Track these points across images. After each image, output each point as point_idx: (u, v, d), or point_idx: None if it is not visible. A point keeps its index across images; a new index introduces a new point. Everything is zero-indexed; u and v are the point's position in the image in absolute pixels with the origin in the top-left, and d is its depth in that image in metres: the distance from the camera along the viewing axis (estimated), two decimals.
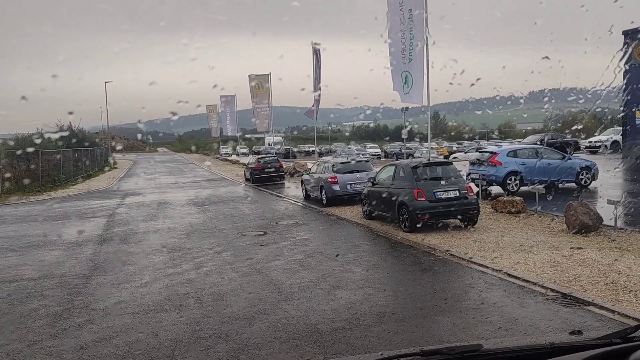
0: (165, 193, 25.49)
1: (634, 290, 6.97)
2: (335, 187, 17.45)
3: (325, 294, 7.70)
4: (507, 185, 17.03)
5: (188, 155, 74.67)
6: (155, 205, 20.50)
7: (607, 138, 32.49)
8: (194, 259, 10.52)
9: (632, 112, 27.58)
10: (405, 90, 16.69)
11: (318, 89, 30.02)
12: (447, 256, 9.75)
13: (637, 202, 14.23)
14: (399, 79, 16.87)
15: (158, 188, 28.68)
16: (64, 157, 33.41)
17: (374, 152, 51.71)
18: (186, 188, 28.04)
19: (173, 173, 42.04)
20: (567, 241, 10.18)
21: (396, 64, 16.89)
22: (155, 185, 30.46)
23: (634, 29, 26.77)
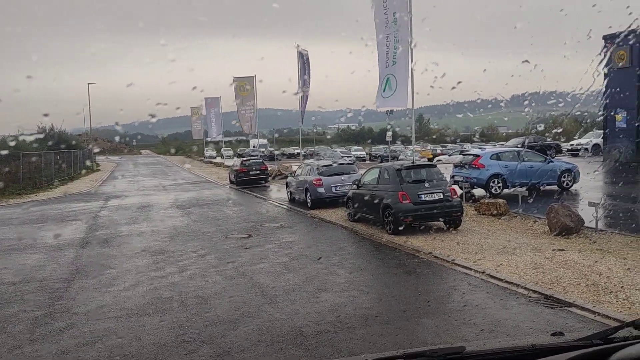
0: (148, 195, 25.28)
1: (614, 291, 7.06)
2: (320, 190, 17.45)
3: (309, 296, 7.69)
4: (490, 187, 17.18)
5: (172, 158, 74.17)
6: (138, 208, 20.31)
7: (588, 141, 32.94)
8: (177, 262, 10.44)
9: (611, 116, 28.03)
10: (386, 94, 16.76)
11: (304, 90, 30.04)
12: (431, 258, 9.80)
13: (617, 204, 14.44)
14: (380, 82, 16.95)
15: (141, 190, 28.43)
16: (45, 159, 32.98)
17: (358, 154, 51.89)
18: (170, 190, 27.84)
19: (156, 175, 41.72)
20: (549, 243, 10.29)
21: (379, 66, 16.97)
22: (139, 188, 30.20)
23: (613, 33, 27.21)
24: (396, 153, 45.81)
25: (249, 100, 39.90)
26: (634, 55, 26.80)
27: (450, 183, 14.78)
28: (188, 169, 44.91)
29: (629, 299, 6.74)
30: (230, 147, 67.60)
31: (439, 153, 46.84)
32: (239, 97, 40.62)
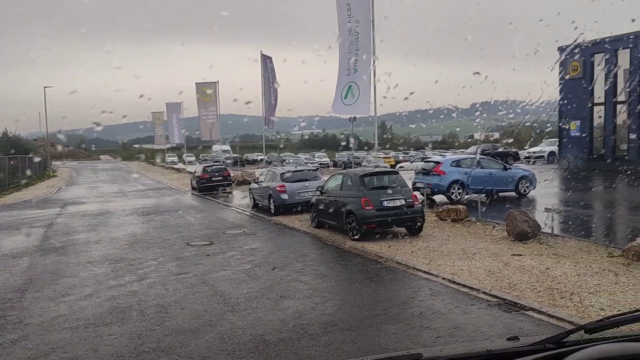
0: (108, 202, 24.70)
1: (568, 294, 7.28)
2: (283, 196, 17.40)
3: (272, 304, 7.64)
4: (450, 194, 17.49)
5: (132, 163, 72.72)
6: (96, 214, 19.81)
7: (544, 149, 33.95)
8: (137, 270, 10.22)
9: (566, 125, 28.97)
10: (348, 101, 16.88)
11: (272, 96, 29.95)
12: (393, 264, 9.88)
13: (572, 210, 14.92)
14: (340, 89, 17.04)
15: (100, 197, 27.76)
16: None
17: (322, 161, 52.00)
18: (130, 197, 27.26)
19: (116, 181, 40.83)
20: (508, 248, 10.53)
21: (339, 73, 17.08)
22: (98, 194, 29.47)
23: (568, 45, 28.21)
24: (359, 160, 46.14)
25: (211, 106, 39.54)
26: (586, 67, 27.80)
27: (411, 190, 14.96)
28: (135, 179, 43.71)
29: (582, 302, 6.96)
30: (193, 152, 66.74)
31: (401, 160, 47.41)
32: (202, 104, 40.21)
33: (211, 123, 40.84)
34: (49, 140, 65.75)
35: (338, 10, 17.14)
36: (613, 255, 9.36)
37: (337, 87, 17.12)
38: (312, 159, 51.68)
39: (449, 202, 16.76)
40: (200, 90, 39.93)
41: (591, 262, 9.01)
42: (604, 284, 7.71)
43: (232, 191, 27.80)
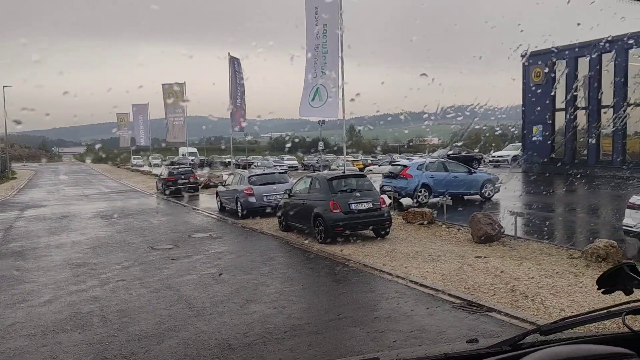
0: (70, 205, 24.08)
1: (531, 295, 7.43)
2: (251, 199, 17.28)
3: (238, 308, 7.57)
4: (417, 197, 17.68)
5: (96, 166, 71.16)
6: (58, 218, 19.29)
7: (507, 153, 34.67)
8: (99, 275, 9.98)
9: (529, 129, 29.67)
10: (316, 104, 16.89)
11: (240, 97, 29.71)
12: (361, 267, 9.92)
13: (535, 213, 15.27)
14: (308, 91, 17.04)
15: (62, 200, 27.04)
16: None
17: (291, 163, 51.90)
18: (93, 200, 26.65)
19: (79, 184, 39.85)
20: (472, 250, 10.70)
21: (306, 76, 17.09)
22: (59, 197, 28.71)
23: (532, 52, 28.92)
24: (328, 163, 46.25)
25: (178, 108, 39.04)
26: (548, 72, 28.54)
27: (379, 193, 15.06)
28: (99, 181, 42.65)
29: (544, 302, 7.11)
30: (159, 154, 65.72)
31: (369, 163, 47.72)
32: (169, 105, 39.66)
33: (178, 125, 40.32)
34: (7, 142, 63.77)
35: (307, 13, 17.16)
36: (573, 257, 9.61)
37: (305, 89, 17.10)
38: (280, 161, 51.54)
39: (415, 205, 16.93)
40: (166, 92, 39.39)
41: (552, 264, 9.23)
42: (564, 285, 7.90)
43: (198, 194, 27.48)
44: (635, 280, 1.38)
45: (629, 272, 1.40)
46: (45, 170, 63.85)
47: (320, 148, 43.22)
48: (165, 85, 39.28)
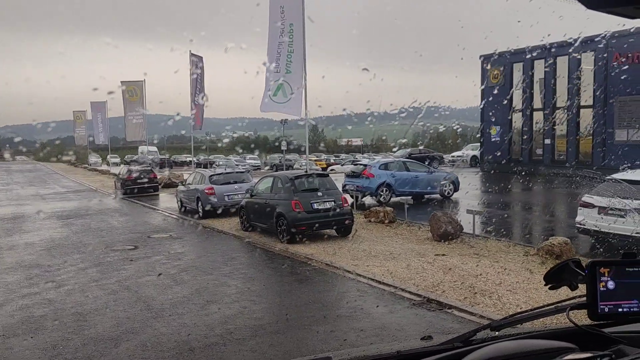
0: (23, 205, 23.27)
1: (488, 292, 7.60)
2: (212, 199, 17.08)
3: (198, 309, 7.47)
4: (379, 196, 17.83)
5: (52, 165, 69.01)
6: (11, 218, 18.61)
7: (466, 153, 35.37)
8: (54, 277, 9.68)
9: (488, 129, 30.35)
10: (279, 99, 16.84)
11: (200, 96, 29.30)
12: (323, 266, 9.94)
13: (492, 211, 15.62)
14: (269, 86, 16.96)
15: (15, 200, 26.11)
16: None
17: (253, 163, 51.59)
18: (49, 200, 25.84)
19: (34, 183, 38.57)
20: (432, 248, 10.86)
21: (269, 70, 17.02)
22: (12, 197, 27.70)
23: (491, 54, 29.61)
24: (291, 162, 46.17)
25: (137, 106, 38.23)
26: (505, 74, 29.26)
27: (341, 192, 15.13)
28: (55, 180, 41.44)
29: (501, 299, 7.28)
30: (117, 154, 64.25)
31: (332, 162, 47.90)
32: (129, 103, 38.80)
33: (138, 123, 39.51)
34: None
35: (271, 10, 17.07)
36: (529, 254, 9.88)
37: (266, 84, 16.99)
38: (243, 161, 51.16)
39: (377, 204, 17.08)
40: (126, 90, 38.51)
41: (509, 261, 9.46)
42: (520, 281, 8.11)
43: (158, 194, 26.99)
44: (580, 276, 1.42)
45: (574, 268, 1.44)
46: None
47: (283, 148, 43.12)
48: (124, 83, 38.40)
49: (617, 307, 1.37)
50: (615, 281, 1.37)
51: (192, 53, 29.30)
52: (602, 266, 1.38)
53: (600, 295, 1.37)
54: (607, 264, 1.38)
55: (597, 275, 1.37)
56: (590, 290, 1.37)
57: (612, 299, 1.37)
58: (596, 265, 1.38)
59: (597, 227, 9.88)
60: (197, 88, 29.13)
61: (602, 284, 1.37)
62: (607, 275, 1.37)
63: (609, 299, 1.37)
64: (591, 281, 1.37)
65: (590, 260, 1.40)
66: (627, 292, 1.37)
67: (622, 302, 1.37)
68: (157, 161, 50.48)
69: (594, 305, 1.36)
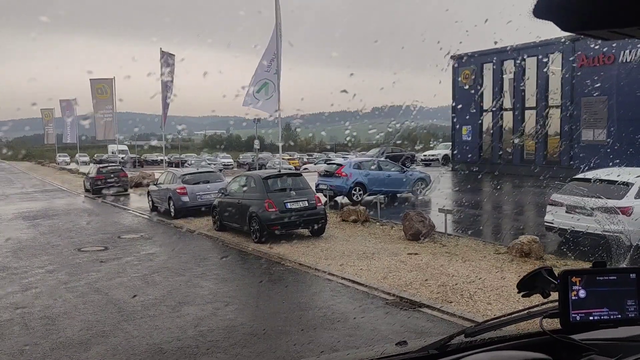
0: None
1: (460, 290, 7.70)
2: (184, 198, 16.88)
3: (170, 311, 7.38)
4: (352, 195, 17.90)
5: (19, 164, 67.31)
6: None
7: (438, 152, 35.76)
8: (21, 280, 9.44)
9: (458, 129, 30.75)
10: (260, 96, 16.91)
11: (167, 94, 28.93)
12: (296, 266, 9.93)
13: (464, 210, 15.84)
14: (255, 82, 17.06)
15: None
16: None
17: (226, 162, 51.20)
18: (15, 200, 25.18)
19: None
20: (405, 247, 10.96)
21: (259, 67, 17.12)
22: None
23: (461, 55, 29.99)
24: (264, 161, 45.98)
25: (107, 104, 37.56)
26: (476, 75, 29.69)
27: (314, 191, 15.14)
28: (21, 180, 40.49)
29: (472, 297, 7.39)
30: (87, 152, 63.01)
31: (306, 162, 47.89)
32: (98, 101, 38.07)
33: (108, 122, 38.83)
34: None
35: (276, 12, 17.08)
36: (499, 253, 10.05)
37: (253, 81, 17.10)
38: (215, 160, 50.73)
39: (350, 203, 17.14)
40: (95, 87, 37.79)
41: (480, 260, 9.61)
42: (491, 279, 8.24)
43: (129, 194, 26.57)
44: (552, 284, 1.45)
45: (546, 276, 1.47)
46: None
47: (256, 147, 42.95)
48: (93, 81, 37.67)
49: (588, 315, 1.40)
50: (586, 290, 1.40)
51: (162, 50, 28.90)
52: (573, 275, 1.41)
53: (572, 304, 1.39)
54: (579, 273, 1.41)
55: (569, 284, 1.40)
56: (562, 299, 1.40)
57: (583, 307, 1.40)
58: (568, 274, 1.41)
59: (565, 225, 10.11)
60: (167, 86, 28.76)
61: (573, 293, 1.40)
62: (579, 284, 1.40)
63: (580, 307, 1.40)
64: (563, 290, 1.40)
65: (563, 270, 1.43)
66: (598, 300, 1.41)
67: (593, 310, 1.40)
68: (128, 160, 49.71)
69: (566, 313, 1.39)
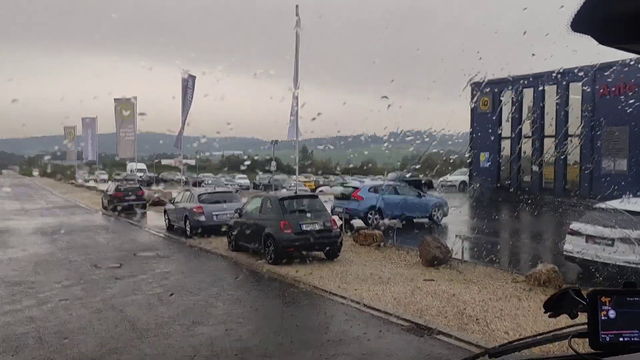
0: (8, 220, 22.94)
1: (477, 318, 7.57)
2: (200, 217, 16.96)
3: (184, 330, 7.35)
4: (368, 219, 17.82)
5: (39, 180, 68.38)
6: None
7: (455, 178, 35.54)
8: (37, 294, 9.51)
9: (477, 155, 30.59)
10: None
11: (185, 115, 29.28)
12: (311, 288, 9.86)
13: (481, 237, 15.65)
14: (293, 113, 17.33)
15: (0, 214, 25.77)
16: None
17: (242, 182, 51.43)
18: (34, 215, 25.53)
19: (20, 198, 38.14)
20: (421, 273, 10.83)
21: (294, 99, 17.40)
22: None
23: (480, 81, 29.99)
24: (280, 183, 46.09)
25: (129, 123, 38.11)
26: (495, 102, 29.64)
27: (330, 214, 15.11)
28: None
29: (489, 325, 7.25)
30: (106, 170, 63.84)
31: (321, 184, 47.89)
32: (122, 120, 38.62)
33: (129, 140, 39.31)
34: None
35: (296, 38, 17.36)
36: (517, 281, 9.88)
37: (292, 111, 17.35)
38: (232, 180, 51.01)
39: (366, 227, 17.06)
40: (118, 107, 38.39)
41: (497, 288, 9.45)
42: (508, 308, 8.09)
43: (146, 211, 26.78)
44: (580, 305, 1.42)
45: (574, 296, 1.44)
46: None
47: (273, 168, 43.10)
48: (117, 100, 38.31)
49: (618, 336, 1.37)
50: (616, 310, 1.37)
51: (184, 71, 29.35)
52: (603, 295, 1.38)
53: (601, 324, 1.36)
54: (608, 293, 1.38)
55: (598, 304, 1.37)
56: (591, 319, 1.36)
57: (613, 328, 1.36)
58: (597, 294, 1.38)
59: (585, 255, 9.93)
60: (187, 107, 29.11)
61: (603, 313, 1.37)
62: (608, 304, 1.37)
63: (610, 328, 1.36)
64: (592, 310, 1.37)
65: (592, 289, 1.40)
66: (628, 321, 1.37)
67: (623, 331, 1.37)
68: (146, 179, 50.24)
69: (595, 334, 1.36)
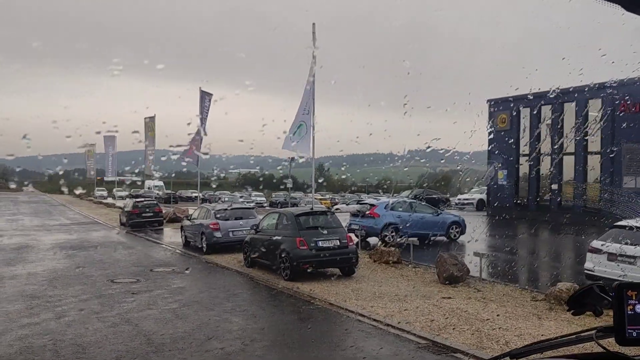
0: (28, 236, 23.26)
1: (495, 337, 7.43)
2: (216, 234, 17.00)
3: (199, 345, 7.33)
4: (384, 236, 17.70)
5: (58, 197, 69.26)
6: (15, 248, 18.57)
7: (473, 196, 35.25)
8: (55, 308, 9.57)
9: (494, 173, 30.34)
10: (295, 139, 17.05)
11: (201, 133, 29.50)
12: (327, 305, 9.78)
13: (499, 255, 15.45)
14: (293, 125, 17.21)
15: (20, 230, 26.11)
16: None
17: (258, 199, 51.59)
18: (53, 231, 25.83)
19: (39, 215, 38.65)
20: (438, 291, 10.69)
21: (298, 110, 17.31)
22: (17, 227, 27.72)
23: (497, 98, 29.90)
24: (296, 200, 46.14)
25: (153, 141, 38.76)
26: (513, 119, 29.47)
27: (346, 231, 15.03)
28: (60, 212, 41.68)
29: (508, 344, 7.11)
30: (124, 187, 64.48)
31: (337, 201, 47.83)
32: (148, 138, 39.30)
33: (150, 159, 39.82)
34: None
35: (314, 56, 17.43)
36: (536, 300, 9.70)
37: (292, 125, 17.28)
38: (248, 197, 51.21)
39: (382, 244, 16.93)
40: (147, 125, 39.08)
41: (516, 306, 9.28)
42: (528, 327, 7.94)
43: (163, 228, 26.95)
44: (605, 301, 1.37)
45: (599, 292, 1.39)
46: (4, 199, 61.78)
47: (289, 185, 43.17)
48: (146, 119, 39.10)
49: None
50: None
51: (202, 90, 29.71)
52: (629, 289, 1.33)
53: (628, 319, 1.31)
54: (635, 286, 1.33)
55: (624, 297, 1.32)
56: (617, 313, 1.31)
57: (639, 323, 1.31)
58: (623, 287, 1.33)
59: (606, 273, 9.72)
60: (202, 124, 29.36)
61: (629, 307, 1.32)
62: (635, 298, 1.32)
63: (637, 323, 1.31)
64: (618, 304, 1.32)
65: (617, 282, 1.36)
66: None
67: None
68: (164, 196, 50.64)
69: (622, 329, 1.30)
